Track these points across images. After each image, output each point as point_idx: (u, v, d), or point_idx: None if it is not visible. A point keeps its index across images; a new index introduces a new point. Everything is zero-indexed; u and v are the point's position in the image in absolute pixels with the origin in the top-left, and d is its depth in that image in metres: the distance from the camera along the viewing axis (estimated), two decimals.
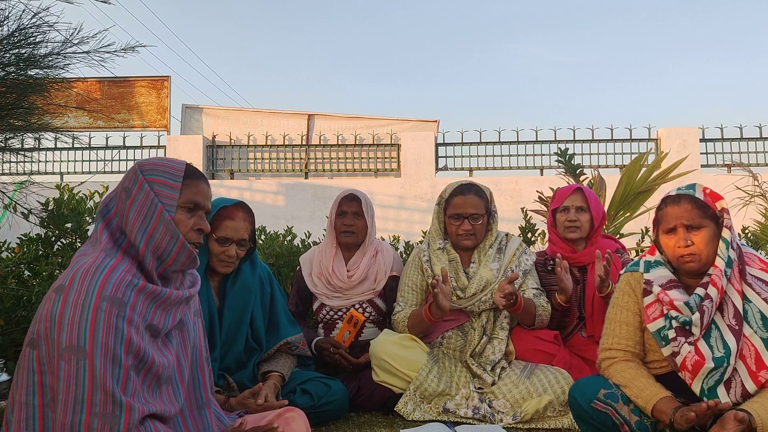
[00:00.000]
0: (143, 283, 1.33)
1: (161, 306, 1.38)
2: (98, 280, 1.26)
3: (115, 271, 1.29)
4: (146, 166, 1.42)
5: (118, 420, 1.20)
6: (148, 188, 1.38)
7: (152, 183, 1.40)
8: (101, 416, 1.19)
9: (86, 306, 1.22)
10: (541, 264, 2.67)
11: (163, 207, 1.38)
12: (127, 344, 1.25)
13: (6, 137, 2.71)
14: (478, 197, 2.52)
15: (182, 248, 1.39)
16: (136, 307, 1.30)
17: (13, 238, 3.20)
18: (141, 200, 1.38)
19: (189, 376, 1.50)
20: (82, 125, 9.67)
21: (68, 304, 1.23)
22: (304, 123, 10.27)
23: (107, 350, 1.21)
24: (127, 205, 1.38)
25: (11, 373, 2.41)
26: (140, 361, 1.29)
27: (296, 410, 1.66)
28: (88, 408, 1.19)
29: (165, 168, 1.43)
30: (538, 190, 4.54)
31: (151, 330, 1.34)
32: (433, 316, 2.35)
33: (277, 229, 3.97)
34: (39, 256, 2.97)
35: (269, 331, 2.26)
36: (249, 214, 2.15)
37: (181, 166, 1.45)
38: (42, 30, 2.50)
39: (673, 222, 1.78)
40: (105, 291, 1.25)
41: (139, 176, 1.40)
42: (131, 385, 1.25)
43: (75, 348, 1.20)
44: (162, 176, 1.41)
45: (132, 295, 1.30)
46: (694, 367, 1.69)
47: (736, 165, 6.31)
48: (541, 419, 2.19)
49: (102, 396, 1.19)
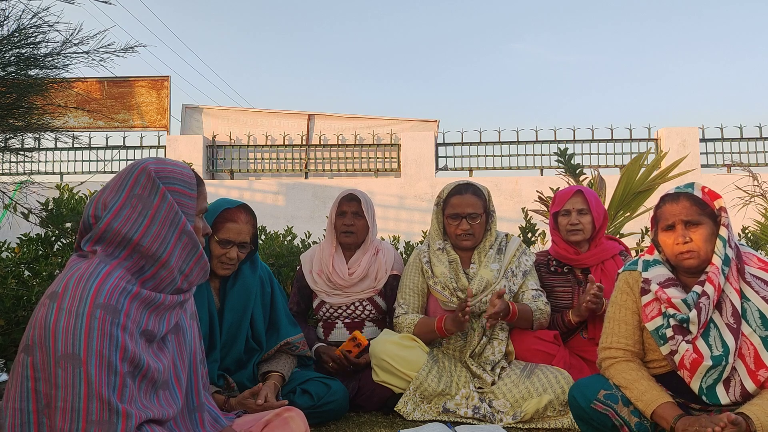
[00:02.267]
0: (137, 289, 1.32)
1: (156, 311, 1.36)
2: (92, 287, 1.24)
3: (108, 278, 1.27)
4: (162, 173, 1.36)
5: (115, 427, 1.19)
6: (171, 199, 1.34)
7: (173, 192, 1.36)
8: (98, 424, 1.19)
9: (80, 314, 1.21)
10: (544, 264, 2.67)
11: (186, 219, 1.36)
12: (122, 351, 1.25)
13: (6, 137, 2.71)
14: (475, 197, 2.52)
15: (200, 258, 1.39)
16: (130, 314, 1.29)
17: (13, 238, 3.20)
18: (165, 211, 1.34)
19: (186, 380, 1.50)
20: (82, 125, 9.67)
21: (62, 311, 1.21)
22: (304, 123, 10.27)
23: (102, 358, 1.21)
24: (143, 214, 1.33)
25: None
26: (135, 367, 1.28)
27: (295, 410, 1.66)
28: (84, 416, 1.18)
29: (180, 176, 1.39)
30: (538, 190, 4.54)
31: (146, 335, 1.33)
32: (447, 332, 2.36)
33: (277, 229, 3.98)
34: (39, 256, 2.97)
35: (269, 331, 2.26)
36: (251, 216, 2.14)
37: (191, 173, 1.43)
38: (42, 30, 2.50)
39: (672, 219, 1.78)
40: (98, 298, 1.23)
41: (159, 185, 1.34)
42: (128, 391, 1.25)
43: (70, 356, 1.19)
44: (180, 185, 1.38)
45: (126, 301, 1.28)
46: (692, 366, 1.69)
47: (736, 165, 6.31)
48: (541, 419, 2.19)
49: (98, 404, 1.19)
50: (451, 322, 2.32)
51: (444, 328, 2.36)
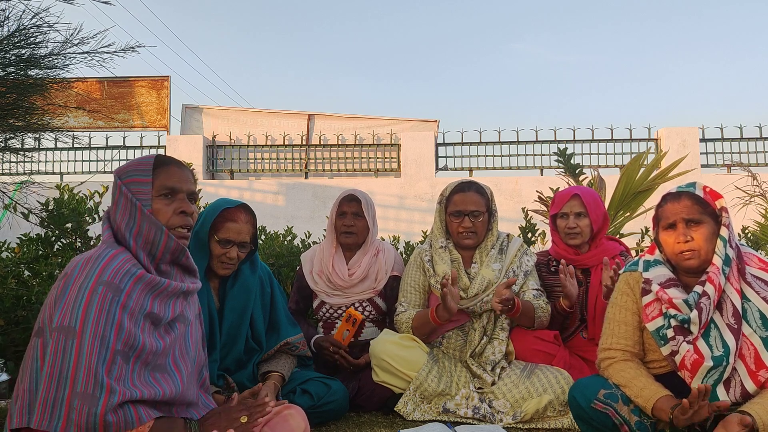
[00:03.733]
0: (142, 272, 1.38)
1: (160, 296, 1.42)
2: (98, 266, 1.31)
3: (114, 260, 1.35)
4: (121, 170, 1.49)
5: (96, 401, 1.22)
6: (126, 190, 1.45)
7: (128, 184, 1.46)
8: (81, 396, 1.21)
9: (83, 289, 1.28)
10: (544, 264, 2.67)
11: (141, 203, 1.44)
12: (117, 328, 1.29)
13: (6, 137, 2.71)
14: (478, 194, 2.52)
15: (168, 238, 1.44)
16: (132, 295, 1.34)
17: (13, 238, 3.20)
18: (123, 203, 1.44)
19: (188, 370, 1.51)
20: (82, 125, 9.67)
21: (68, 287, 1.29)
22: (304, 123, 10.27)
23: (97, 331, 1.25)
24: (113, 211, 1.46)
25: (11, 373, 2.41)
26: (131, 347, 1.31)
27: (294, 407, 1.67)
28: (71, 387, 1.21)
29: (136, 165, 1.49)
30: (538, 190, 4.54)
31: (151, 317, 1.38)
32: (439, 319, 2.34)
33: (277, 229, 3.98)
34: (39, 256, 2.97)
35: (269, 331, 2.26)
36: (251, 216, 2.14)
37: (150, 158, 1.50)
38: (42, 30, 2.50)
39: (673, 218, 1.78)
40: (103, 276, 1.30)
41: (117, 182, 1.47)
42: (116, 369, 1.28)
43: (65, 328, 1.24)
44: (134, 174, 1.47)
45: (129, 282, 1.34)
46: (693, 366, 1.69)
47: (736, 165, 6.30)
48: (541, 419, 2.19)
49: (85, 375, 1.22)
50: (442, 308, 2.31)
51: (436, 315, 2.35)
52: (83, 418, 1.20)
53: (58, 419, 1.20)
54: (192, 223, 1.53)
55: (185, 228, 1.50)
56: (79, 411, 1.20)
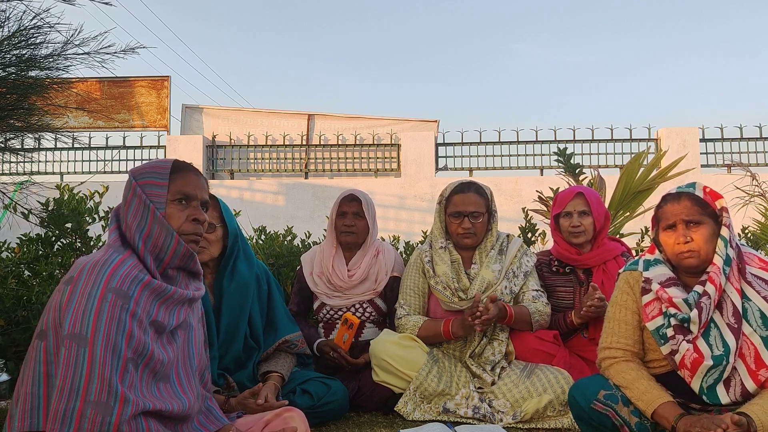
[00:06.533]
0: (149, 278, 1.37)
1: (165, 303, 1.40)
2: (105, 272, 1.30)
3: (122, 266, 1.33)
4: (137, 171, 1.48)
5: (111, 410, 1.20)
6: (140, 191, 1.44)
7: (143, 186, 1.45)
8: (95, 405, 1.19)
9: (92, 296, 1.26)
10: (545, 264, 2.66)
11: (155, 206, 1.43)
12: (128, 337, 1.28)
13: (6, 137, 2.71)
14: (478, 195, 2.52)
15: (178, 243, 1.43)
16: (140, 302, 1.33)
17: (13, 238, 3.20)
18: (136, 204, 1.43)
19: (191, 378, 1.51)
20: (82, 125, 9.67)
21: (75, 293, 1.26)
22: (304, 123, 10.27)
23: (108, 340, 1.24)
24: (125, 212, 1.44)
25: (11, 373, 2.41)
26: (140, 355, 1.30)
27: (295, 410, 1.67)
28: (83, 396, 1.19)
29: (153, 168, 1.48)
30: (538, 190, 4.54)
31: (156, 326, 1.37)
32: (454, 336, 2.37)
33: (277, 229, 3.97)
34: (39, 256, 2.97)
35: (267, 329, 2.26)
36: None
37: (168, 163, 1.49)
38: (43, 31, 2.50)
39: (673, 218, 1.78)
40: (111, 283, 1.28)
41: (131, 182, 1.46)
42: (128, 377, 1.27)
43: (77, 336, 1.22)
44: (150, 176, 1.46)
45: (137, 289, 1.33)
46: (693, 365, 1.69)
47: (736, 165, 6.30)
48: (541, 419, 2.19)
49: (99, 384, 1.20)
50: (459, 326, 2.33)
51: (451, 332, 2.36)
52: (96, 427, 1.18)
53: (69, 427, 1.18)
54: (203, 232, 1.52)
55: (198, 236, 1.50)
56: (93, 420, 1.18)
